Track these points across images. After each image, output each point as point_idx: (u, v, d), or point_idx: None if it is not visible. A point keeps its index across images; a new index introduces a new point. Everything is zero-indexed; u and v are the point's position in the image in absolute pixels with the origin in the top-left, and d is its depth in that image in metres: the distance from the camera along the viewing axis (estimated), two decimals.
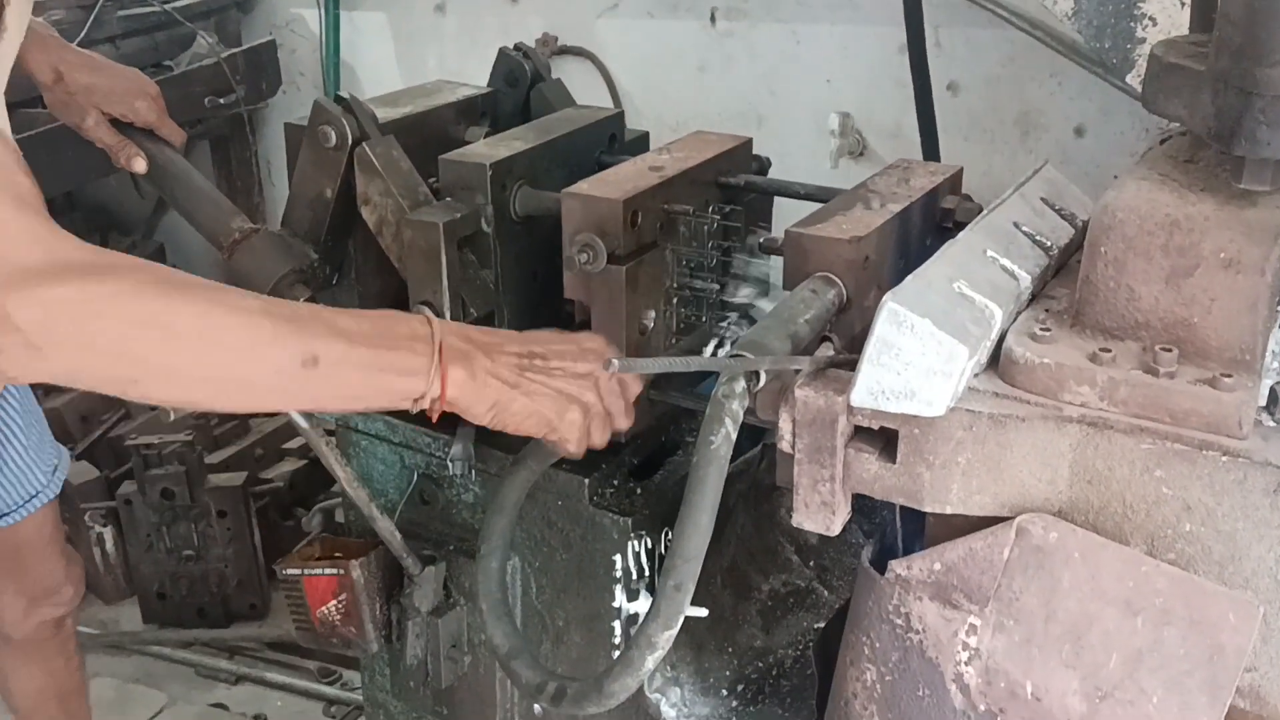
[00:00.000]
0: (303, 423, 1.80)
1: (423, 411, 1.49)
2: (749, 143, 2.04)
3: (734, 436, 1.40)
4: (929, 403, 1.32)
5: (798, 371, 1.42)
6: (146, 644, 4.07)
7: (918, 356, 1.30)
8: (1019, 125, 4.17)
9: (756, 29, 4.53)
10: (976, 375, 1.41)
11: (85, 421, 4.60)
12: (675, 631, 1.45)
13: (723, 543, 1.96)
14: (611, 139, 2.14)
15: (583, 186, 1.77)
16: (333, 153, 1.89)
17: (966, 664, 1.43)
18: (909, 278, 1.37)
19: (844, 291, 1.52)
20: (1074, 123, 4.03)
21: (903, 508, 1.57)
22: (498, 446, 1.96)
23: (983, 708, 1.43)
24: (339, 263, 1.99)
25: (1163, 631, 1.31)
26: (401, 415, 2.06)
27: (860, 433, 1.42)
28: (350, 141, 1.87)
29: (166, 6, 4.77)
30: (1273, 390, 1.34)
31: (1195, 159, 1.45)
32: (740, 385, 1.38)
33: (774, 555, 2.02)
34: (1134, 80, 2.76)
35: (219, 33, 5.07)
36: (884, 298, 1.31)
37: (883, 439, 1.41)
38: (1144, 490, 1.33)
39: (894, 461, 1.40)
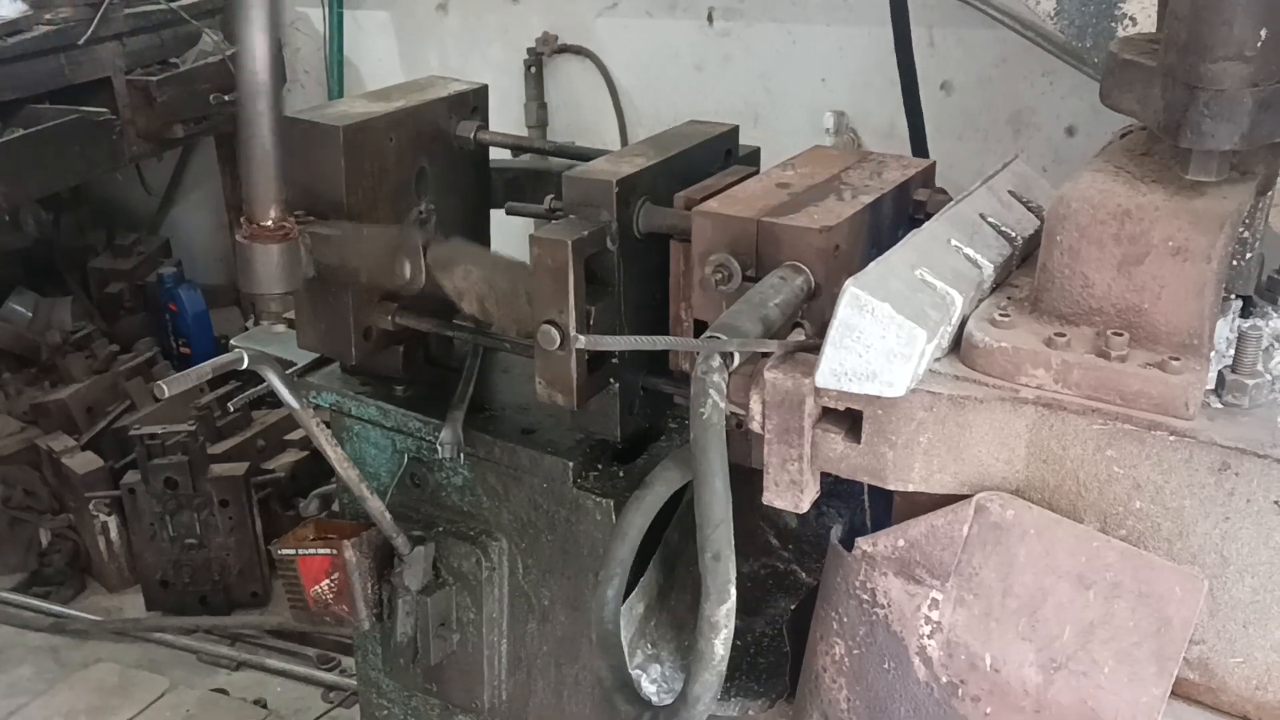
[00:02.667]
0: (294, 404, 1.86)
1: (414, 396, 1.51)
2: (873, 155, 1.98)
3: (722, 405, 1.43)
4: (890, 384, 1.38)
5: (768, 355, 1.47)
6: (150, 631, 4.14)
7: (878, 339, 1.36)
8: (1011, 124, 4.23)
9: (753, 28, 4.60)
10: (939, 359, 1.47)
11: (90, 413, 4.67)
12: (732, 603, 1.44)
13: None
14: (727, 154, 2.11)
15: (713, 205, 1.73)
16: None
17: (929, 637, 1.49)
18: (872, 264, 1.43)
19: (811, 278, 1.58)
20: (1065, 122, 4.09)
21: (873, 490, 1.63)
22: (487, 431, 2.02)
23: (945, 679, 1.49)
24: None
25: (1113, 605, 1.37)
26: (394, 400, 2.13)
27: (827, 414, 1.48)
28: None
29: (173, 4, 4.86)
30: (1221, 374, 1.40)
31: (1150, 152, 1.51)
32: (717, 360, 1.43)
33: (754, 538, 2.08)
34: None
35: (224, 30, 5.14)
36: (846, 282, 1.37)
37: (849, 419, 1.46)
38: (1096, 469, 1.38)
39: (859, 441, 1.45)
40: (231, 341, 5.22)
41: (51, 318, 5.42)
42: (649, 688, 1.90)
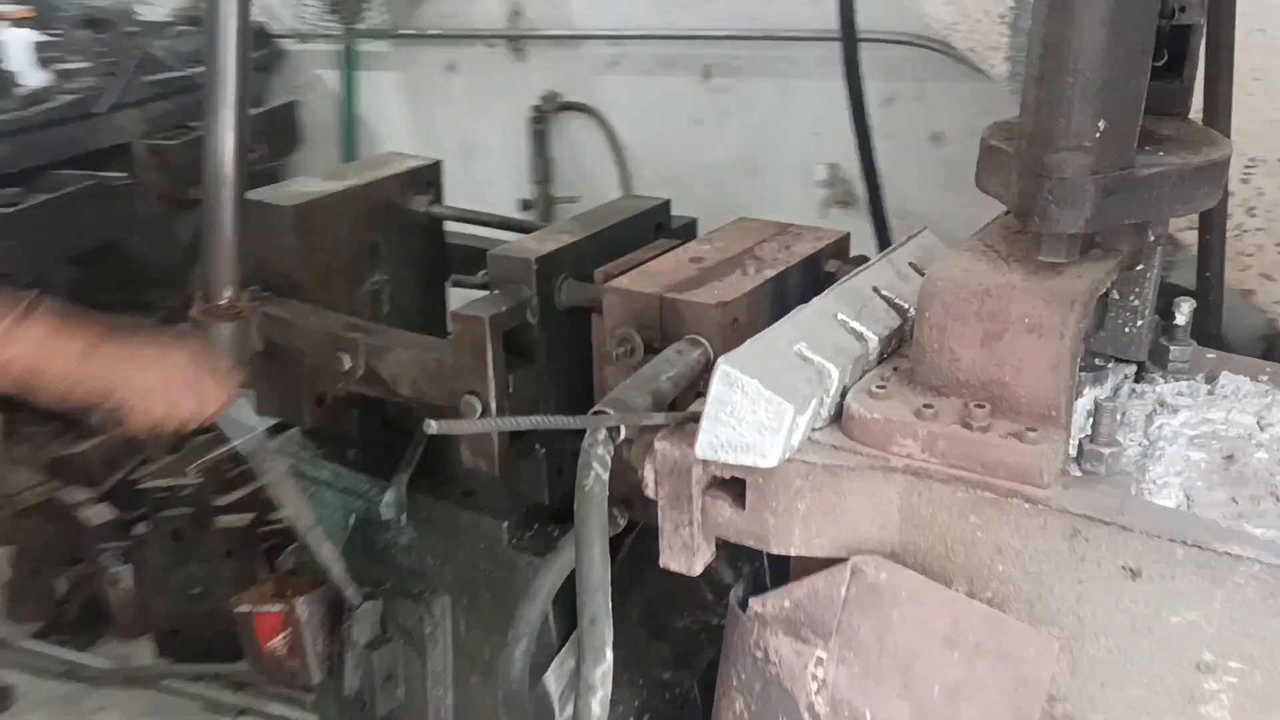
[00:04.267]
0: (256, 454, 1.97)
1: (366, 459, 1.58)
2: (791, 228, 2.05)
3: (605, 478, 1.52)
4: (763, 455, 1.45)
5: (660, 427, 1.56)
6: (158, 678, 4.26)
7: (749, 413, 1.44)
8: None
9: (748, 84, 4.70)
10: (820, 429, 1.54)
11: (109, 465, 4.82)
12: (608, 664, 1.51)
13: (640, 583, 2.10)
14: (658, 228, 2.16)
15: (622, 281, 1.80)
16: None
17: (816, 694, 1.55)
18: (749, 340, 1.51)
19: (709, 351, 1.66)
20: None
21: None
22: (430, 493, 2.12)
23: None
24: None
25: (976, 665, 1.43)
26: (346, 462, 2.23)
27: (716, 481, 1.56)
28: None
29: (190, 72, 5.02)
30: (1080, 443, 1.46)
31: (1023, 230, 1.58)
32: (604, 434, 1.52)
33: (691, 595, 2.15)
34: None
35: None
36: (719, 360, 1.45)
37: (735, 487, 1.54)
38: (962, 534, 1.45)
39: (744, 507, 1.53)
40: None
41: None
42: None
